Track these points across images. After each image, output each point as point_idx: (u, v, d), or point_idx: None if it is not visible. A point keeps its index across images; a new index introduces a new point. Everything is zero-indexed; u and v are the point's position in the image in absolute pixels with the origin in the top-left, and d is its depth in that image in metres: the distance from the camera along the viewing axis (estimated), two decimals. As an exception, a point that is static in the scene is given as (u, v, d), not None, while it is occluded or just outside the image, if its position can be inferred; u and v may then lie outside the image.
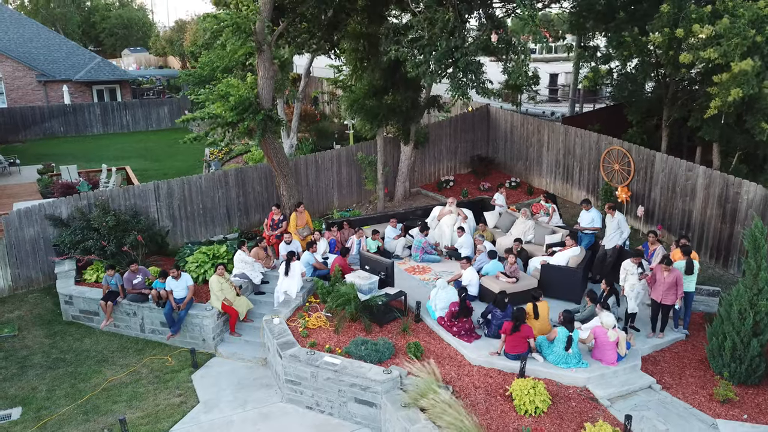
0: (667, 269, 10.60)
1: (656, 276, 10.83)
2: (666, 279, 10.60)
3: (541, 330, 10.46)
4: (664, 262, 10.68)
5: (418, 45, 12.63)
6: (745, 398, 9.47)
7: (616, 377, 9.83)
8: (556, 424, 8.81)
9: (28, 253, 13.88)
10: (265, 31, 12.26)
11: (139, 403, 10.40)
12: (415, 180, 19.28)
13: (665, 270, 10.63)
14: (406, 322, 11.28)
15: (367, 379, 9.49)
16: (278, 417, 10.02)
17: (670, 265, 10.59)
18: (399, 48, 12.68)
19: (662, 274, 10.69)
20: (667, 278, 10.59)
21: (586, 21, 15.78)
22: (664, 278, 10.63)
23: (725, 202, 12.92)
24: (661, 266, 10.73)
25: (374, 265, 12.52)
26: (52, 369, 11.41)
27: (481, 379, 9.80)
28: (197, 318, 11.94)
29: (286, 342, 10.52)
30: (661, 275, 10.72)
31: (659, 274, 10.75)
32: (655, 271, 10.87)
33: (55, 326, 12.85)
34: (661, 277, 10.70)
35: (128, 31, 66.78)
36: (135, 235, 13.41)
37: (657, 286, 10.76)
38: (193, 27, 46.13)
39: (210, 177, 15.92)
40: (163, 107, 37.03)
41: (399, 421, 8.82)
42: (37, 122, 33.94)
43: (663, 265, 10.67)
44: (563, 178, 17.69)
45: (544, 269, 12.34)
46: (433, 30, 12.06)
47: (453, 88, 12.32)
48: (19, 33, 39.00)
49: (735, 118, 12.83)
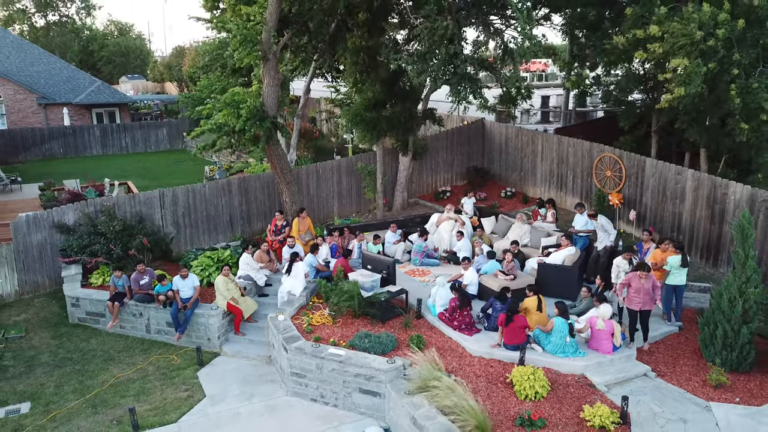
0: (643, 275, 10.31)
1: (632, 284, 10.45)
2: (644, 286, 10.33)
3: (539, 322, 10.78)
4: (640, 269, 10.38)
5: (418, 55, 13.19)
6: (737, 384, 9.78)
7: (613, 365, 10.14)
8: (555, 407, 9.08)
9: (35, 259, 14.14)
10: (271, 40, 12.80)
11: (146, 397, 10.59)
12: (413, 191, 19.73)
13: (642, 276, 10.31)
14: (407, 318, 11.57)
15: (372, 369, 9.74)
16: (284, 409, 10.23)
17: (648, 271, 10.37)
18: (400, 57, 13.23)
19: (639, 282, 10.34)
20: (645, 285, 10.33)
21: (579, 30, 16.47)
22: (642, 285, 10.33)
23: (713, 203, 13.40)
24: (636, 273, 10.40)
25: (376, 264, 12.86)
26: (59, 367, 11.59)
27: (482, 369, 10.08)
28: (203, 317, 12.18)
29: (292, 336, 10.77)
30: (638, 283, 10.36)
31: (635, 282, 10.38)
32: (630, 279, 10.49)
33: (62, 328, 13.05)
34: (638, 285, 10.35)
35: (126, 59, 67.71)
36: (141, 239, 13.70)
37: (633, 295, 10.41)
38: (192, 53, 47.06)
39: (214, 185, 16.30)
40: (161, 129, 37.53)
41: (404, 408, 9.05)
42: (37, 144, 34.35)
43: (640, 272, 10.35)
44: (557, 186, 18.19)
45: (540, 268, 12.71)
46: (433, 38, 12.61)
47: (453, 94, 12.85)
48: (21, 57, 39.69)
49: (719, 120, 13.42)
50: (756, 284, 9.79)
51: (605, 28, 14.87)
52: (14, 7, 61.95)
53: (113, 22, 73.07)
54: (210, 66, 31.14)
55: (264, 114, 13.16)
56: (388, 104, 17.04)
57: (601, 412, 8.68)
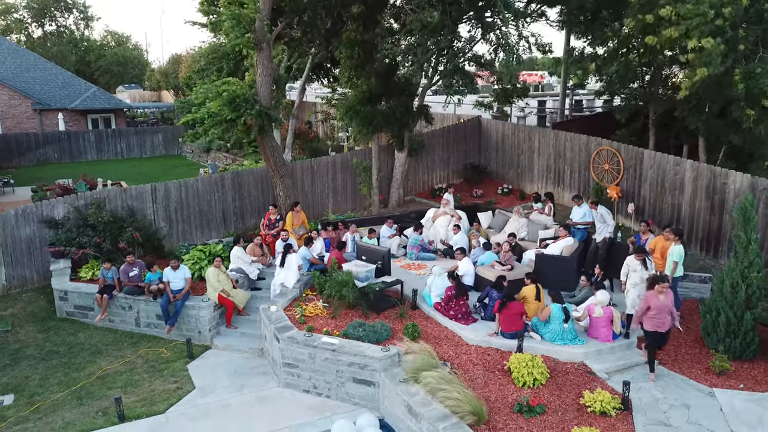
0: (662, 290, 8.98)
1: (651, 304, 9.03)
2: (664, 302, 9.01)
3: (537, 311, 10.53)
4: (656, 283, 9.06)
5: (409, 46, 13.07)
6: (741, 371, 9.53)
7: (613, 353, 9.89)
8: (554, 394, 8.82)
9: (23, 253, 13.86)
10: (264, 29, 12.65)
11: (134, 389, 10.30)
12: (409, 188, 19.53)
13: (661, 291, 8.98)
14: (402, 308, 11.32)
15: (366, 357, 9.47)
16: (275, 400, 9.95)
17: (665, 282, 9.10)
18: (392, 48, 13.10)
19: (658, 299, 9.00)
20: (665, 300, 9.01)
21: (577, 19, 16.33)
22: (661, 301, 8.99)
23: (713, 193, 13.21)
24: (654, 291, 9.05)
25: (371, 255, 12.62)
26: (45, 360, 11.29)
27: (479, 357, 9.82)
28: (193, 310, 11.91)
29: (284, 326, 10.51)
30: (657, 301, 9.00)
31: (654, 301, 9.00)
32: (648, 299, 9.10)
33: (49, 322, 12.75)
34: (658, 303, 8.98)
35: (123, 69, 67.75)
36: (131, 232, 13.45)
37: (654, 316, 9.00)
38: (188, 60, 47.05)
39: (207, 180, 16.07)
40: (157, 135, 37.37)
41: (398, 396, 8.79)
42: (32, 149, 34.13)
43: (658, 286, 8.99)
44: (554, 181, 18.01)
45: (538, 259, 12.49)
46: (425, 30, 12.50)
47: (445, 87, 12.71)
48: (16, 63, 39.59)
49: (719, 108, 13.24)
50: (759, 268, 9.56)
51: (603, 17, 14.75)
52: (11, 17, 61.96)
53: (110, 33, 73.16)
54: (205, 70, 31.07)
55: (255, 101, 12.95)
56: (383, 98, 16.86)
57: (601, 397, 8.43)
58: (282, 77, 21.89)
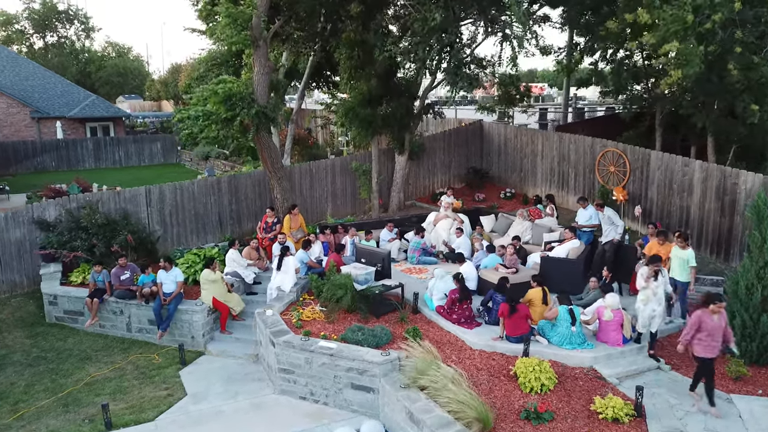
0: (718, 309, 7.78)
1: (703, 324, 7.80)
2: (718, 322, 7.85)
3: (543, 315, 10.12)
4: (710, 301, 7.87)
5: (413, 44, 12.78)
6: (758, 376, 9.09)
7: (624, 357, 9.46)
8: (563, 400, 8.38)
9: (13, 256, 13.46)
10: (261, 26, 12.35)
11: (123, 396, 9.88)
12: (410, 193, 19.17)
13: (715, 311, 7.79)
14: (403, 312, 10.91)
15: (365, 362, 9.04)
16: (270, 407, 9.52)
17: (722, 303, 7.89)
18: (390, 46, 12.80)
19: (711, 319, 7.81)
20: (719, 321, 7.85)
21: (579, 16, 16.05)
22: (715, 322, 7.81)
23: (723, 194, 12.82)
24: (708, 309, 7.83)
25: (370, 257, 12.22)
26: (31, 366, 10.87)
27: (484, 362, 9.40)
28: (186, 314, 11.50)
29: (280, 330, 10.09)
30: (710, 320, 7.79)
31: (708, 321, 7.78)
32: (701, 318, 7.82)
33: (38, 328, 12.33)
34: (712, 324, 7.79)
35: (123, 79, 67.68)
36: (125, 235, 13.06)
37: (705, 339, 7.82)
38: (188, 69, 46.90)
39: (203, 183, 15.71)
40: (156, 143, 37.09)
41: (399, 402, 8.35)
42: (29, 156, 33.86)
43: (713, 305, 7.80)
44: (558, 185, 17.64)
45: (543, 262, 12.08)
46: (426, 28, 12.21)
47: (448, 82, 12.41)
48: (15, 72, 39.44)
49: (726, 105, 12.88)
50: (775, 268, 9.14)
51: (604, 13, 14.46)
52: (12, 28, 61.97)
53: (111, 44, 73.18)
54: (204, 78, 30.83)
55: (252, 101, 12.62)
56: (383, 100, 16.53)
57: (613, 403, 7.98)
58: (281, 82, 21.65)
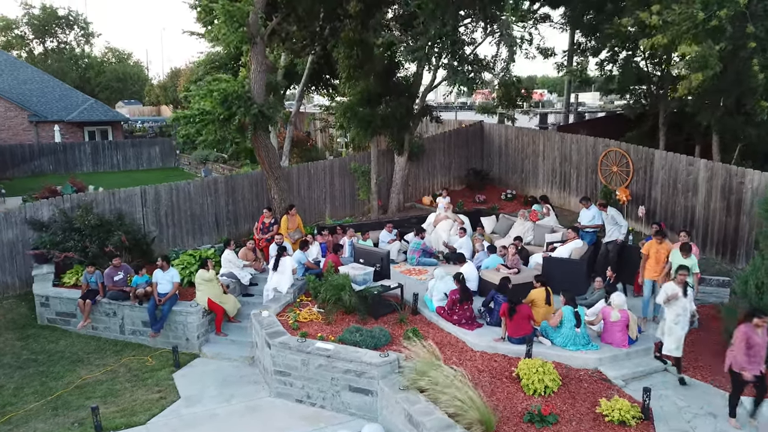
0: (762, 323, 7.25)
1: (750, 339, 7.30)
2: (763, 337, 7.33)
3: (546, 316, 9.86)
4: (754, 315, 7.38)
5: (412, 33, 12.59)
6: (769, 378, 8.80)
7: (629, 359, 9.20)
8: (568, 403, 8.11)
9: (5, 258, 13.21)
10: (259, 23, 12.15)
11: (114, 399, 9.59)
12: (410, 194, 18.92)
13: (759, 325, 7.27)
14: (402, 313, 10.65)
15: (363, 364, 8.76)
16: (266, 410, 9.23)
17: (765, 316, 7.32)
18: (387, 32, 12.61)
19: (756, 334, 7.31)
20: (763, 336, 7.34)
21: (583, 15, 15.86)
22: (761, 337, 7.32)
23: (729, 194, 12.58)
24: (753, 323, 7.32)
25: (368, 257, 11.97)
26: (21, 369, 10.59)
27: (485, 364, 9.13)
28: (181, 315, 11.23)
29: (276, 332, 9.81)
30: (755, 336, 7.30)
31: (753, 336, 7.29)
32: (747, 334, 7.32)
33: (29, 330, 12.07)
34: (756, 339, 7.30)
35: (123, 84, 67.58)
36: (119, 236, 12.81)
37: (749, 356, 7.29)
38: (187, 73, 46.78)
39: (199, 183, 15.47)
40: (154, 147, 36.87)
41: (398, 404, 8.08)
42: (26, 160, 33.64)
43: (757, 319, 7.28)
44: (560, 186, 17.40)
45: (546, 262, 11.83)
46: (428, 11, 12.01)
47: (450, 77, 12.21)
48: (13, 76, 39.33)
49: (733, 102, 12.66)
50: (786, 266, 8.89)
51: (608, 10, 14.25)
52: (12, 34, 61.92)
53: (111, 50, 73.15)
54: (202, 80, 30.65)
55: (250, 100, 12.39)
56: (383, 99, 16.31)
57: (620, 405, 7.72)
58: (280, 84, 21.45)
